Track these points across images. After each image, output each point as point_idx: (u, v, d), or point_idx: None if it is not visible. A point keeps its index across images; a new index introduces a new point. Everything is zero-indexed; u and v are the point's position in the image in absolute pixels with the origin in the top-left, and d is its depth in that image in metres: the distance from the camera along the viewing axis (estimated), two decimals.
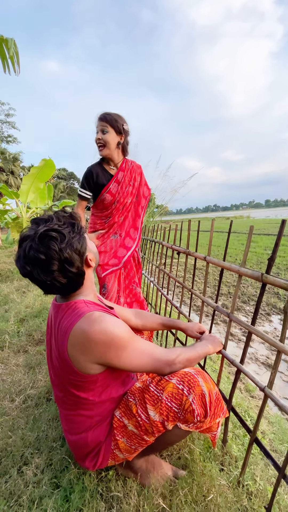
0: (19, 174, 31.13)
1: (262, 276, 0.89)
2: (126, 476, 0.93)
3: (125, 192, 1.57)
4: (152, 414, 0.76)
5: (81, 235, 0.75)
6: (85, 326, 0.68)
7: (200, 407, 0.75)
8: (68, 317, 0.72)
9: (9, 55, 2.09)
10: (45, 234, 0.67)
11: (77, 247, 0.72)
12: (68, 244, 0.69)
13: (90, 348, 0.68)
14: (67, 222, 0.73)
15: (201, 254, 1.33)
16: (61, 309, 0.77)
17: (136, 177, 1.60)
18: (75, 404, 0.78)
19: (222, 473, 0.98)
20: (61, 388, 0.79)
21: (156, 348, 0.80)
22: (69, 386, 0.75)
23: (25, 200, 4.99)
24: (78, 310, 0.73)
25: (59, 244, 0.68)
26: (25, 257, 0.67)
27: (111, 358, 0.70)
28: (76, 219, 0.77)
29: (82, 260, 0.74)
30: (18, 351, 1.92)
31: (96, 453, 0.82)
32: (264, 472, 1.02)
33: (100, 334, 0.67)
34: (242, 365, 0.99)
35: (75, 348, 0.69)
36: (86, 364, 0.70)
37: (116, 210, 1.60)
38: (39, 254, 0.66)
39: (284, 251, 7.18)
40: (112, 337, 0.68)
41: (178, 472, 0.94)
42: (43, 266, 0.67)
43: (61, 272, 0.69)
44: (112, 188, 1.54)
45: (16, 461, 1.01)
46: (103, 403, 0.79)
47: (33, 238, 0.67)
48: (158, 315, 1.20)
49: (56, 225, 0.70)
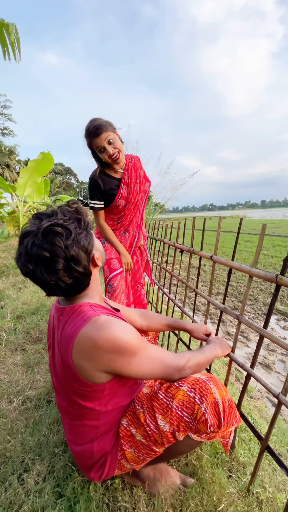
0: (15, 167, 30.61)
1: (276, 278, 0.85)
2: (133, 485, 0.89)
3: (135, 191, 1.53)
4: (162, 423, 0.71)
5: (88, 231, 0.69)
6: (91, 332, 0.62)
7: (214, 417, 0.71)
8: (73, 322, 0.67)
9: (10, 41, 1.99)
10: (49, 229, 0.61)
11: (84, 244, 0.66)
12: (75, 241, 0.63)
13: (97, 355, 0.63)
14: (72, 217, 0.67)
15: (206, 253, 1.29)
16: (65, 312, 0.71)
17: (140, 173, 1.57)
18: (80, 414, 0.73)
19: (231, 480, 0.95)
20: (65, 397, 0.74)
21: (165, 353, 0.76)
22: (74, 396, 0.70)
23: (22, 194, 4.88)
24: (83, 314, 0.67)
25: (65, 240, 0.62)
26: (27, 254, 0.61)
27: (120, 366, 0.65)
28: (82, 214, 0.70)
29: (89, 259, 0.69)
30: (16, 350, 1.86)
31: (102, 463, 0.77)
32: (272, 478, 0.99)
33: (108, 341, 0.62)
34: (252, 369, 0.96)
35: (80, 355, 0.63)
36: (93, 373, 0.65)
37: (128, 210, 1.57)
38: (42, 251, 0.60)
39: (281, 251, 7.23)
40: (121, 344, 0.63)
41: (186, 480, 0.90)
42: (47, 264, 0.61)
43: (66, 271, 0.63)
44: (124, 192, 1.50)
45: (16, 467, 0.96)
46: (109, 412, 0.74)
47: (36, 233, 0.61)
48: (163, 315, 1.16)
49: (61, 220, 0.64)
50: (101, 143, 1.28)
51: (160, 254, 2.24)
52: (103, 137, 1.27)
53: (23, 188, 4.76)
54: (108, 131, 1.28)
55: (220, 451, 1.06)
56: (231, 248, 8.25)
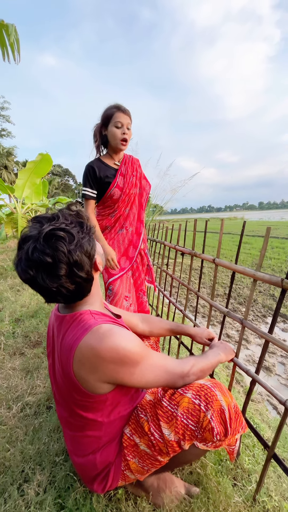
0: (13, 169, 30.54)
1: (282, 282, 0.84)
2: (136, 495, 0.86)
3: (130, 183, 1.53)
4: (167, 432, 0.69)
5: (91, 235, 0.67)
6: (93, 342, 0.60)
7: (220, 425, 0.69)
8: (73, 331, 0.65)
9: (9, 42, 1.97)
10: (51, 234, 0.59)
11: (87, 249, 0.64)
12: (78, 246, 0.61)
13: (100, 366, 0.61)
14: (74, 221, 0.65)
15: (209, 256, 1.27)
16: (65, 321, 0.69)
17: (137, 169, 1.58)
18: (82, 425, 0.70)
19: (236, 489, 0.93)
20: (65, 408, 0.71)
21: (168, 360, 0.74)
22: (75, 407, 0.67)
23: (21, 196, 4.84)
24: (84, 323, 0.65)
25: (68, 245, 0.59)
26: (28, 259, 0.58)
27: (123, 376, 0.63)
28: (83, 218, 0.68)
29: (91, 264, 0.66)
30: (14, 354, 1.83)
31: (105, 475, 0.75)
32: (278, 486, 0.97)
33: (110, 351, 0.60)
34: (257, 375, 0.94)
35: (82, 366, 0.61)
36: (95, 384, 0.63)
37: (122, 202, 1.55)
38: (45, 256, 0.57)
39: (278, 253, 7.25)
40: (124, 354, 0.61)
41: (191, 489, 0.88)
42: (49, 270, 0.58)
43: (69, 277, 0.61)
44: (119, 182, 1.49)
45: (16, 477, 0.93)
46: (112, 422, 0.72)
47: (37, 238, 0.58)
48: (166, 320, 1.14)
49: (63, 224, 0.61)
50: (124, 120, 1.36)
51: (160, 256, 2.22)
52: (128, 119, 1.37)
53: (21, 189, 4.73)
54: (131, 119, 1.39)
55: (224, 458, 1.04)
56: (229, 249, 8.26)
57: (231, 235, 12.54)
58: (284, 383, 2.28)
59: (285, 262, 6.20)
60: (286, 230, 13.65)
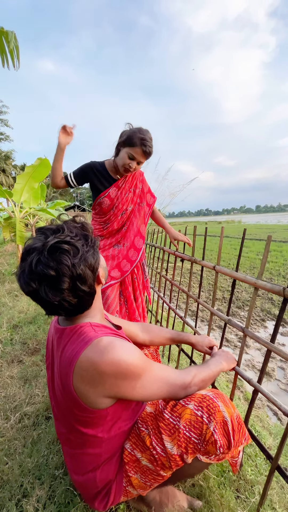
0: (11, 172, 30.54)
1: (284, 291, 0.83)
2: (138, 510, 0.85)
3: (125, 198, 1.50)
4: (169, 446, 0.68)
5: (95, 249, 0.67)
6: (93, 356, 0.59)
7: (223, 437, 0.68)
8: (73, 344, 0.64)
9: (9, 49, 1.98)
10: (56, 247, 0.58)
11: (91, 262, 0.63)
12: (82, 259, 0.60)
13: (100, 380, 0.59)
14: (79, 234, 0.64)
15: (209, 263, 1.27)
16: (65, 334, 0.67)
17: (138, 184, 1.54)
18: (81, 442, 0.68)
19: (239, 501, 0.92)
20: (64, 424, 0.70)
21: (170, 371, 0.73)
22: (75, 423, 0.66)
23: (19, 200, 4.83)
24: (84, 335, 0.64)
25: (72, 258, 0.59)
26: (31, 272, 0.57)
27: (124, 390, 0.62)
28: (88, 231, 0.68)
29: (94, 277, 0.66)
30: (12, 361, 1.80)
31: (106, 492, 0.73)
32: (281, 497, 0.96)
33: (111, 365, 0.59)
34: (260, 384, 0.93)
35: (82, 380, 0.60)
36: (96, 398, 0.61)
37: (114, 216, 1.53)
38: (48, 269, 0.56)
39: (276, 256, 7.28)
40: (125, 367, 0.60)
41: (194, 503, 0.86)
42: (52, 283, 0.57)
43: (71, 291, 0.60)
44: (111, 192, 1.47)
45: (14, 492, 0.91)
46: (112, 438, 0.70)
47: (41, 250, 0.57)
48: (166, 329, 1.13)
49: (68, 236, 0.61)
50: (138, 158, 1.34)
51: (159, 261, 2.21)
52: (143, 158, 1.36)
53: (19, 193, 4.72)
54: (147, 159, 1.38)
55: (227, 470, 1.03)
56: (227, 252, 8.28)
57: (229, 238, 12.59)
58: (284, 388, 2.27)
59: (283, 266, 6.22)
60: (283, 234, 13.74)
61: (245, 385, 2.18)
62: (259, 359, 2.71)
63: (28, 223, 7.48)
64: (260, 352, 2.84)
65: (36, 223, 8.25)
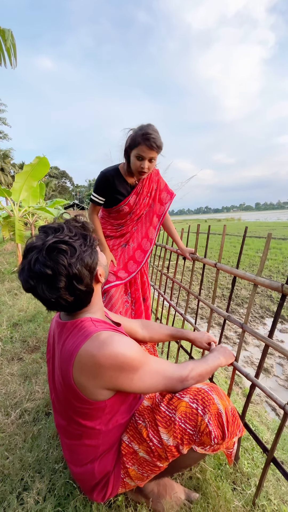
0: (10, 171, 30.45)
1: (282, 287, 0.84)
2: (136, 502, 0.86)
3: (142, 204, 1.49)
4: (165, 437, 0.69)
5: (93, 248, 0.68)
6: (93, 349, 0.61)
7: (217, 428, 0.69)
8: (74, 338, 0.66)
9: (6, 47, 1.98)
10: (54, 247, 0.60)
11: (88, 262, 0.65)
12: (79, 259, 0.62)
13: (99, 373, 0.61)
14: (78, 233, 0.66)
15: (211, 260, 1.28)
16: (66, 328, 0.69)
17: (154, 186, 1.51)
18: (79, 434, 0.70)
19: (235, 493, 0.93)
20: (64, 416, 0.71)
21: (167, 364, 0.75)
22: (74, 415, 0.68)
23: (18, 199, 4.82)
24: (84, 329, 0.66)
25: (69, 258, 0.61)
26: (30, 270, 0.60)
27: (122, 382, 0.64)
28: (88, 231, 0.69)
29: (92, 276, 0.67)
30: (12, 359, 1.82)
31: (104, 483, 0.75)
32: (277, 489, 0.98)
33: (110, 358, 0.61)
34: (257, 379, 0.95)
35: (81, 372, 0.62)
36: (94, 390, 0.63)
37: (130, 220, 1.52)
38: (45, 268, 0.58)
39: (275, 254, 7.30)
40: (123, 360, 0.62)
41: (191, 495, 0.88)
42: (48, 282, 0.60)
43: (68, 289, 0.62)
44: (131, 200, 1.45)
45: (15, 486, 0.92)
46: (110, 431, 0.72)
47: (41, 249, 0.60)
48: (165, 325, 1.14)
49: (67, 236, 0.63)
50: (147, 155, 1.25)
51: (161, 259, 2.23)
52: (152, 154, 1.25)
53: (18, 192, 4.71)
54: (158, 153, 1.28)
55: (224, 463, 1.05)
56: (227, 250, 8.29)
57: (228, 236, 12.60)
58: (283, 384, 2.29)
59: (282, 263, 6.24)
60: (282, 231, 13.75)
61: (244, 381, 2.21)
62: (258, 356, 2.73)
63: (27, 222, 7.49)
64: (259, 349, 2.86)
65: (35, 222, 8.25)
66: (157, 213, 1.57)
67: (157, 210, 1.57)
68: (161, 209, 1.57)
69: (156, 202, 1.55)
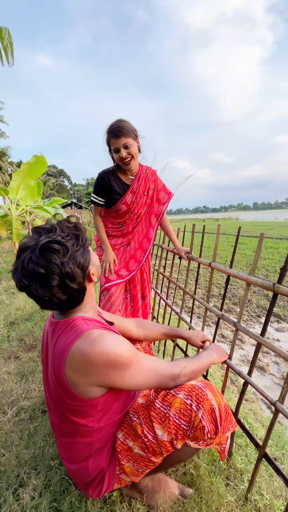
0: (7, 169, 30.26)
1: (273, 286, 0.86)
2: (131, 497, 0.88)
3: (140, 202, 1.51)
4: (160, 433, 0.71)
5: (86, 248, 0.70)
6: (84, 347, 0.63)
7: (210, 423, 0.71)
8: (66, 336, 0.67)
9: (3, 45, 1.97)
10: (46, 246, 0.62)
11: (80, 261, 0.67)
12: (71, 258, 0.64)
13: (90, 370, 0.63)
14: (71, 233, 0.68)
15: (205, 260, 1.30)
16: (59, 326, 0.71)
17: (151, 185, 1.53)
18: (73, 432, 0.72)
19: (229, 488, 0.95)
20: (57, 414, 0.73)
21: (159, 362, 0.76)
22: (67, 412, 0.69)
23: (15, 197, 4.81)
24: (76, 328, 0.67)
25: (61, 257, 0.62)
26: (23, 269, 0.62)
27: (114, 379, 0.66)
28: (80, 231, 0.71)
29: (84, 275, 0.69)
30: (9, 358, 1.83)
31: (99, 480, 0.76)
32: (269, 485, 1.00)
33: (101, 356, 0.62)
34: (250, 377, 0.97)
35: (73, 370, 0.63)
36: (86, 387, 0.65)
37: (130, 220, 1.54)
38: (38, 267, 0.60)
39: (272, 253, 7.34)
40: (114, 358, 0.64)
41: (185, 490, 0.90)
42: (42, 280, 0.62)
43: (61, 287, 0.64)
44: (128, 199, 1.48)
45: (11, 482, 0.93)
46: (103, 428, 0.74)
47: (34, 249, 0.62)
48: (160, 324, 1.15)
49: (60, 236, 0.64)
50: (118, 144, 1.31)
51: (157, 258, 2.24)
52: (121, 141, 1.30)
53: (15, 191, 4.69)
54: (128, 137, 1.32)
55: (217, 459, 1.06)
56: (224, 250, 8.32)
57: (226, 235, 12.64)
58: (278, 382, 2.31)
59: (279, 262, 6.28)
60: (280, 230, 13.82)
61: (240, 380, 2.23)
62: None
63: (25, 221, 7.46)
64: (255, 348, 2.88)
65: (33, 221, 8.22)
66: (156, 212, 1.59)
67: (155, 210, 1.59)
68: (159, 209, 1.59)
69: (154, 202, 1.57)
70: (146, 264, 1.67)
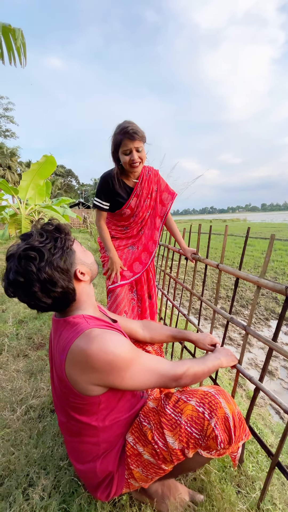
0: (16, 169, 30.76)
1: (286, 290, 0.83)
2: (141, 502, 0.87)
3: (144, 206, 1.50)
4: (171, 441, 0.69)
5: (65, 250, 0.68)
6: (84, 345, 0.62)
7: (224, 433, 0.69)
8: (66, 334, 0.67)
9: (16, 46, 2.00)
10: (23, 254, 0.64)
11: (59, 264, 0.66)
12: (47, 263, 0.64)
13: (90, 369, 0.62)
14: (50, 237, 0.68)
15: (213, 261, 1.27)
16: (60, 325, 0.71)
17: (154, 187, 1.51)
18: (78, 431, 0.71)
19: (240, 496, 0.93)
20: (63, 412, 0.73)
21: (162, 362, 0.74)
22: (70, 410, 0.69)
23: (24, 197, 4.88)
24: (77, 326, 0.67)
25: (38, 263, 0.63)
26: (7, 278, 0.65)
27: (113, 379, 0.65)
28: (61, 232, 0.70)
29: (68, 277, 0.69)
30: (18, 356, 1.84)
31: (108, 483, 0.75)
32: (282, 494, 0.97)
33: (100, 355, 0.62)
34: (261, 383, 0.94)
35: (73, 367, 0.63)
36: (86, 385, 0.64)
37: (134, 223, 1.54)
38: (18, 276, 0.63)
39: (281, 255, 7.21)
40: (113, 358, 0.63)
41: (195, 496, 0.88)
42: (23, 288, 0.64)
43: (43, 292, 0.65)
44: (132, 203, 1.47)
45: (21, 481, 0.94)
46: (108, 428, 0.73)
47: (14, 258, 0.65)
48: (167, 326, 1.14)
49: (37, 241, 0.65)
50: (131, 146, 1.28)
51: (163, 259, 2.22)
52: (136, 143, 1.28)
53: (25, 190, 4.76)
54: (141, 141, 1.30)
55: (228, 465, 1.04)
56: (232, 251, 8.23)
57: (234, 236, 12.50)
58: (287, 387, 2.27)
59: None
60: None
61: (248, 384, 2.19)
62: (262, 358, 2.70)
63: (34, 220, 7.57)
64: (264, 351, 2.83)
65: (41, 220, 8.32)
66: (159, 214, 1.58)
67: (159, 211, 1.58)
68: (162, 210, 1.58)
69: (157, 203, 1.56)
70: (151, 264, 1.66)
